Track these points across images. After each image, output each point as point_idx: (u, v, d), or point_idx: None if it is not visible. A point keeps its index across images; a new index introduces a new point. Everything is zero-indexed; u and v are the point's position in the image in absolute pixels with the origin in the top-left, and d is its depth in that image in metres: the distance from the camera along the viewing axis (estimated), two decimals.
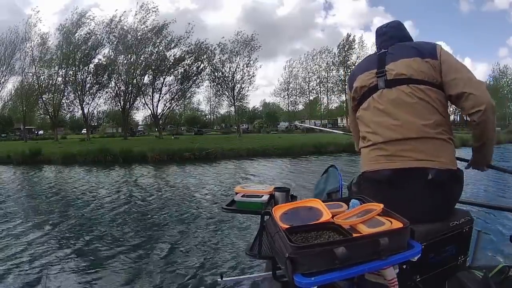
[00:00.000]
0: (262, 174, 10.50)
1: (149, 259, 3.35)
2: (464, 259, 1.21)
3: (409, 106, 1.13)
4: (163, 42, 29.68)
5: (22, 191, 8.09)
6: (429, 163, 1.09)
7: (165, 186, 8.32)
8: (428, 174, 1.08)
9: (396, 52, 1.21)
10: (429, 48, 1.17)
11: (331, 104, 44.57)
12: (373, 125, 1.20)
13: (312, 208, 1.01)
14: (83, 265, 3.21)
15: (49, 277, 2.92)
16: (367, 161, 1.22)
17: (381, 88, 1.19)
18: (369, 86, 1.23)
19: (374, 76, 1.22)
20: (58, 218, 5.09)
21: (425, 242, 1.05)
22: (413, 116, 1.12)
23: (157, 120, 32.04)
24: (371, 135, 1.21)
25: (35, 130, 41.19)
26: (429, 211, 1.11)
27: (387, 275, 0.86)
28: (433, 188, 1.09)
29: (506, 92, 43.59)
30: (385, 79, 1.18)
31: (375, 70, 1.22)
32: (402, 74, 1.15)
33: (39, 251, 3.60)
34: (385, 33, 1.30)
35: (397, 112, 1.15)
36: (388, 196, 1.08)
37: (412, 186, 1.10)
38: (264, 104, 55.48)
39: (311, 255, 0.77)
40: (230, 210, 1.29)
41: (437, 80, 1.14)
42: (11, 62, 27.48)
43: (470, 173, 1.31)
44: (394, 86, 1.17)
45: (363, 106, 1.25)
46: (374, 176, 1.17)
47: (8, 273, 3.02)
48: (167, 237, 4.08)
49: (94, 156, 15.08)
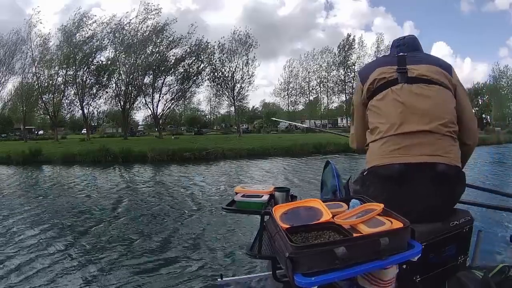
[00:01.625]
0: (262, 174, 10.50)
1: (148, 259, 3.35)
2: (464, 259, 1.21)
3: (427, 102, 1.16)
4: (164, 42, 29.70)
5: (22, 191, 8.09)
6: (439, 158, 1.12)
7: (165, 186, 8.32)
8: (437, 169, 1.11)
9: (416, 57, 1.27)
10: (446, 65, 1.27)
11: (331, 104, 44.62)
12: (388, 115, 1.19)
13: (312, 208, 1.01)
14: (83, 265, 3.21)
15: (48, 276, 2.93)
16: (375, 156, 1.19)
17: (402, 82, 1.21)
18: (388, 78, 1.23)
19: (395, 71, 1.23)
20: (58, 218, 5.09)
21: (425, 242, 1.05)
22: (430, 112, 1.15)
23: (157, 120, 32.05)
24: (384, 126, 1.19)
25: (35, 130, 41.19)
26: (434, 207, 1.13)
27: (385, 275, 0.86)
28: (440, 184, 1.12)
29: (506, 92, 43.56)
30: (406, 75, 1.21)
31: (396, 66, 1.24)
32: (424, 74, 1.20)
33: (40, 250, 3.60)
34: (404, 43, 1.34)
35: (415, 106, 1.16)
36: (395, 192, 1.11)
37: (421, 181, 1.12)
38: (264, 104, 55.51)
39: (311, 255, 0.77)
40: (230, 210, 1.29)
41: (451, 89, 1.22)
42: (11, 62, 27.50)
43: (470, 173, 1.32)
44: (414, 83, 1.20)
45: (378, 97, 1.23)
46: (383, 171, 1.15)
47: (9, 273, 3.02)
48: (166, 237, 4.08)
49: (94, 156, 15.08)
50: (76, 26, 27.82)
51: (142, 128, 47.82)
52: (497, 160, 14.40)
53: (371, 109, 1.26)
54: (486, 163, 12.44)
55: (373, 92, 1.25)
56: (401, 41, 1.36)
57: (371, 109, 1.26)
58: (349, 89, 39.50)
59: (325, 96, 43.54)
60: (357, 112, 1.35)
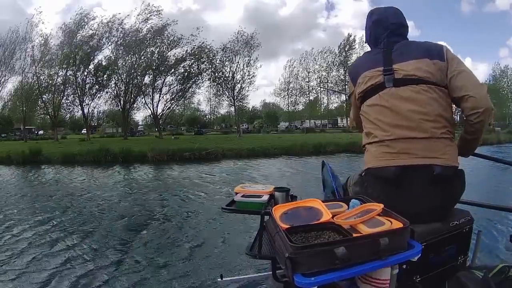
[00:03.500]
0: (262, 174, 10.50)
1: (148, 259, 3.35)
2: (464, 259, 1.21)
3: (417, 105, 1.14)
4: (165, 41, 29.69)
5: (22, 191, 8.08)
6: (435, 160, 1.10)
7: (165, 186, 8.32)
8: (433, 171, 1.09)
9: (404, 52, 1.21)
10: (437, 49, 1.20)
11: (331, 104, 44.63)
12: (379, 122, 1.19)
13: (312, 208, 1.01)
14: (83, 264, 3.21)
15: (49, 276, 2.93)
16: (372, 158, 1.20)
17: (389, 86, 1.18)
18: (376, 83, 1.21)
19: (381, 73, 1.20)
20: (58, 218, 5.09)
21: (425, 242, 1.05)
22: (421, 115, 1.13)
23: (157, 120, 32.04)
24: (377, 131, 1.19)
25: (35, 130, 41.17)
26: (434, 207, 1.13)
27: (381, 275, 0.86)
28: (438, 185, 1.11)
29: (506, 92, 43.55)
30: (393, 77, 1.18)
31: (382, 67, 1.21)
32: (411, 74, 1.16)
33: (40, 251, 3.60)
34: (390, 29, 1.27)
35: (404, 110, 1.14)
36: (393, 194, 1.11)
37: (418, 183, 1.11)
38: (264, 104, 55.52)
39: (311, 255, 0.77)
40: (230, 210, 1.29)
41: (443, 82, 1.17)
42: (11, 62, 27.49)
43: (470, 173, 1.32)
44: (402, 85, 1.16)
45: (368, 103, 1.23)
46: (379, 173, 1.15)
47: (9, 273, 3.02)
48: (166, 237, 4.08)
49: (94, 156, 15.08)
50: (77, 26, 27.82)
51: (142, 128, 47.80)
52: None
53: (363, 114, 1.27)
54: (486, 162, 12.40)
55: (363, 98, 1.26)
56: (383, 23, 1.29)
57: (363, 114, 1.27)
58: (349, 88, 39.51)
59: (325, 96, 43.58)
60: (355, 112, 1.39)
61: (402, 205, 1.02)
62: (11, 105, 32.19)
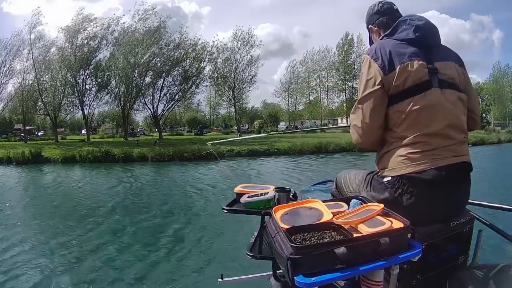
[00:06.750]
0: (263, 174, 10.50)
1: (149, 259, 3.35)
2: (465, 258, 1.20)
3: (460, 111, 1.16)
4: (163, 41, 29.74)
5: (22, 191, 8.09)
6: (466, 157, 1.16)
7: (165, 187, 8.32)
8: (468, 168, 1.16)
9: (440, 51, 1.18)
10: (460, 60, 1.23)
11: (332, 104, 44.56)
12: (423, 124, 1.10)
13: (313, 209, 1.01)
14: (83, 264, 3.21)
15: (50, 274, 2.93)
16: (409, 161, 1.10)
17: (435, 86, 1.11)
18: (421, 79, 1.10)
19: (425, 68, 1.11)
20: (58, 218, 5.09)
21: (426, 242, 1.04)
22: (459, 121, 1.15)
23: (157, 120, 32.01)
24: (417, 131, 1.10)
25: (35, 131, 41.13)
26: (464, 205, 1.20)
27: (375, 276, 0.86)
28: (469, 182, 1.19)
29: (507, 92, 43.53)
30: (439, 78, 1.12)
31: (425, 62, 1.11)
32: (452, 78, 1.15)
33: (41, 250, 3.60)
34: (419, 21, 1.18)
35: (449, 115, 1.12)
36: (432, 196, 1.10)
37: (456, 182, 1.14)
38: (265, 104, 55.43)
39: (311, 256, 0.77)
40: (230, 211, 1.29)
41: (464, 87, 1.20)
42: (11, 64, 27.52)
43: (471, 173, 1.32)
44: (445, 88, 1.13)
45: (409, 101, 1.10)
46: (418, 178, 1.08)
47: (9, 273, 3.02)
48: (167, 238, 4.08)
49: (94, 156, 15.09)
50: (77, 28, 27.84)
51: (143, 129, 47.74)
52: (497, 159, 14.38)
53: (399, 113, 1.12)
54: (486, 162, 12.42)
55: (403, 93, 1.10)
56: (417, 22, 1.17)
57: (399, 113, 1.12)
58: (349, 88, 39.48)
59: (325, 96, 43.53)
60: (375, 101, 1.13)
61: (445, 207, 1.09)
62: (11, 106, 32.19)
